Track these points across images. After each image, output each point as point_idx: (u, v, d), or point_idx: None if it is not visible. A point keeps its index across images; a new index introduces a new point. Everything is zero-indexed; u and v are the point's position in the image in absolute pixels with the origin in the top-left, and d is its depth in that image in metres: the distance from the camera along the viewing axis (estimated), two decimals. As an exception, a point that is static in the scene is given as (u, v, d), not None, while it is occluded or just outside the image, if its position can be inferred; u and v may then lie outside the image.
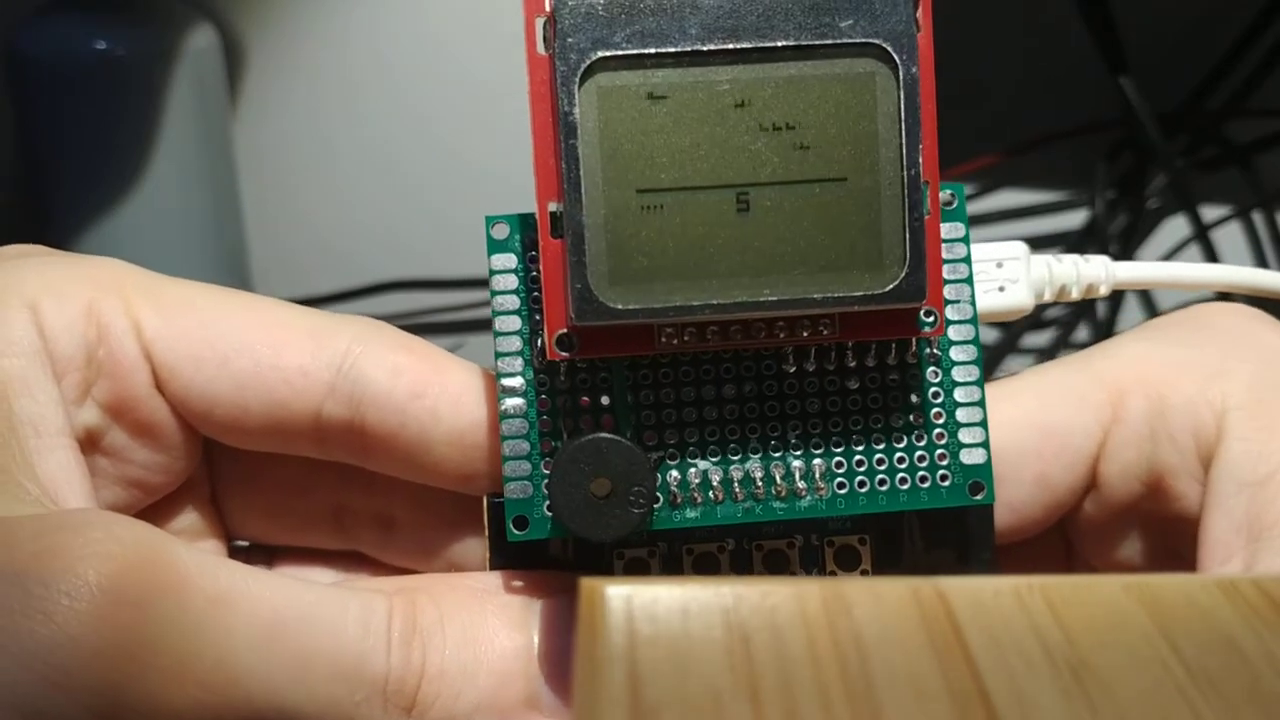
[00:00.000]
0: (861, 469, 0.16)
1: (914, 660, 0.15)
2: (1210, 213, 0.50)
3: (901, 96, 0.15)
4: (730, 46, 0.14)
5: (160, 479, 0.18)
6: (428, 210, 0.56)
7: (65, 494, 0.17)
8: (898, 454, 0.16)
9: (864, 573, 0.17)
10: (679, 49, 0.14)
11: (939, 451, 0.16)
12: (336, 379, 0.17)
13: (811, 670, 0.15)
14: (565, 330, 0.15)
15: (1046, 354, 0.56)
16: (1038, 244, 0.53)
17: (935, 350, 0.17)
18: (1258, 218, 0.51)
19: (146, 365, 0.18)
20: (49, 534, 0.15)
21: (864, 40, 0.14)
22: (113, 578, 0.15)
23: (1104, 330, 0.52)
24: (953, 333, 0.17)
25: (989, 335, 0.51)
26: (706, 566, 0.17)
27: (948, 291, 0.16)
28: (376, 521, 0.19)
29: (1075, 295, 0.18)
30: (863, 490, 0.16)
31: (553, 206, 0.15)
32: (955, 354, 0.17)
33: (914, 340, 0.16)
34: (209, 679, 0.15)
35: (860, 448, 0.16)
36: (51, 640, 0.14)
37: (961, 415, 0.17)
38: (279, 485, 0.19)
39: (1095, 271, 0.18)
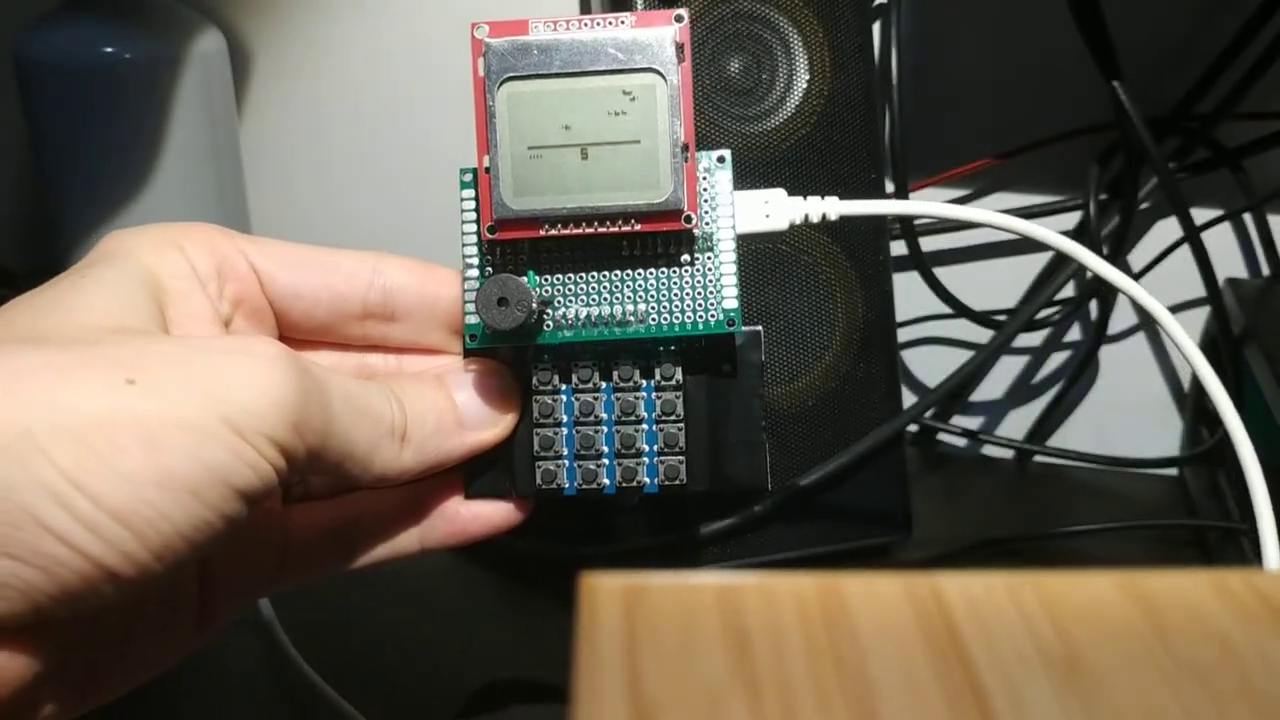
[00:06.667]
0: (666, 310, 0.28)
1: (909, 655, 0.15)
2: (1201, 215, 0.51)
3: (669, 96, 0.27)
4: (577, 70, 0.27)
5: None
6: (431, 212, 0.59)
7: None
8: (687, 302, 0.28)
9: (677, 384, 0.29)
10: (550, 71, 0.27)
11: (710, 301, 0.28)
12: (373, 277, 0.28)
13: (808, 665, 0.15)
14: (491, 222, 0.28)
15: (1040, 352, 0.59)
16: (1033, 245, 0.56)
17: (710, 243, 0.28)
18: (1248, 219, 0.53)
19: (253, 274, 0.27)
20: (239, 338, 0.26)
21: (647, 67, 0.27)
22: (284, 355, 0.24)
23: (1098, 329, 0.54)
24: (720, 234, 0.28)
25: (983, 335, 0.56)
26: (585, 368, 0.29)
27: (718, 213, 0.28)
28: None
29: (815, 220, 0.29)
30: (666, 323, 0.28)
31: (485, 159, 0.27)
32: (721, 248, 0.29)
33: (696, 239, 0.28)
34: (320, 427, 0.24)
35: (667, 299, 0.28)
36: (270, 382, 0.23)
37: (724, 282, 0.28)
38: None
39: (826, 206, 0.29)
